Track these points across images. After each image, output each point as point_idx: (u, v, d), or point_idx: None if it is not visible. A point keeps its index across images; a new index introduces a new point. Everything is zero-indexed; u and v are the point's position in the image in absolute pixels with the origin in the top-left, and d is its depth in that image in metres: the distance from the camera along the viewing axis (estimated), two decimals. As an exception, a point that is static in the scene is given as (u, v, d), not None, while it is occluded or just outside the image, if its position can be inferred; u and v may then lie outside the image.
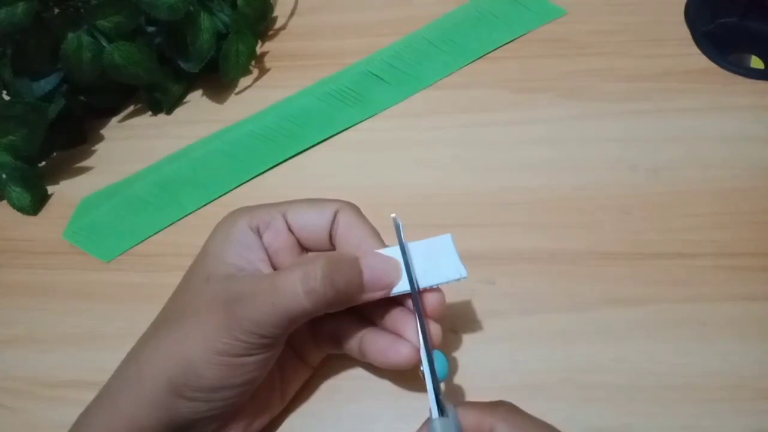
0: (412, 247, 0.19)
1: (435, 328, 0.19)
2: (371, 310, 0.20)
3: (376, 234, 0.20)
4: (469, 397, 0.22)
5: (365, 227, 0.20)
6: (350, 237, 0.19)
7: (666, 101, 0.29)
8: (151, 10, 0.29)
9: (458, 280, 0.19)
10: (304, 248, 0.21)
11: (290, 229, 0.20)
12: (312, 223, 0.20)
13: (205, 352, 0.17)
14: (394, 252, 0.19)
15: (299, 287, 0.17)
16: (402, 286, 0.19)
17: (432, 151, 0.29)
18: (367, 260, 0.18)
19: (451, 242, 0.19)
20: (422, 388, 0.22)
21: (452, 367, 0.22)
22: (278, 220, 0.20)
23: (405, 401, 0.22)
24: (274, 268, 0.20)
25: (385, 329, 0.20)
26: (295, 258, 0.20)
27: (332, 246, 0.20)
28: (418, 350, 0.18)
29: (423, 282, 0.19)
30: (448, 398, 0.19)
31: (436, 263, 0.19)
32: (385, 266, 0.18)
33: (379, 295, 0.18)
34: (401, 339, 0.19)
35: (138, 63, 0.30)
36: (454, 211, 0.26)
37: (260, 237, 0.19)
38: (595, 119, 0.29)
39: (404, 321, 0.19)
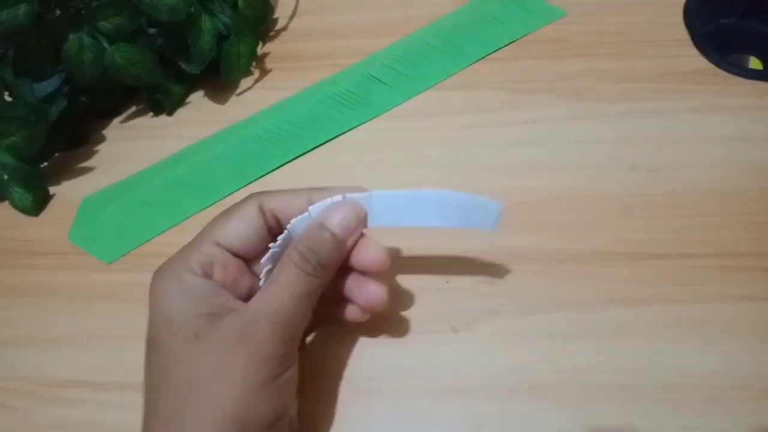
0: (449, 195, 0.20)
1: (377, 289, 0.20)
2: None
3: (296, 191, 0.20)
4: (470, 396, 0.22)
5: (285, 196, 0.20)
6: (289, 211, 0.20)
7: (665, 102, 0.29)
8: (152, 11, 0.29)
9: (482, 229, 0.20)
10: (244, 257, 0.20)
11: (231, 251, 0.19)
12: (243, 233, 0.19)
13: (246, 393, 0.17)
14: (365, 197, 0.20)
15: (291, 291, 0.18)
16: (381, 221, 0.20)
17: (432, 152, 0.29)
18: (329, 220, 0.19)
19: (497, 209, 0.20)
20: (422, 388, 0.22)
21: (453, 359, 0.22)
22: (216, 252, 0.19)
23: (405, 402, 0.22)
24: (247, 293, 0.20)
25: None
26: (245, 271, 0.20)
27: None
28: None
29: (447, 222, 0.20)
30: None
31: (470, 212, 0.20)
32: (346, 212, 0.19)
33: (357, 234, 0.19)
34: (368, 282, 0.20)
35: (139, 64, 0.30)
36: (454, 212, 0.26)
37: (211, 278, 0.19)
38: (594, 120, 0.29)
39: (360, 287, 0.20)
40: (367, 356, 0.23)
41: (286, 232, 0.20)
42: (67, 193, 0.31)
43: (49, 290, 0.27)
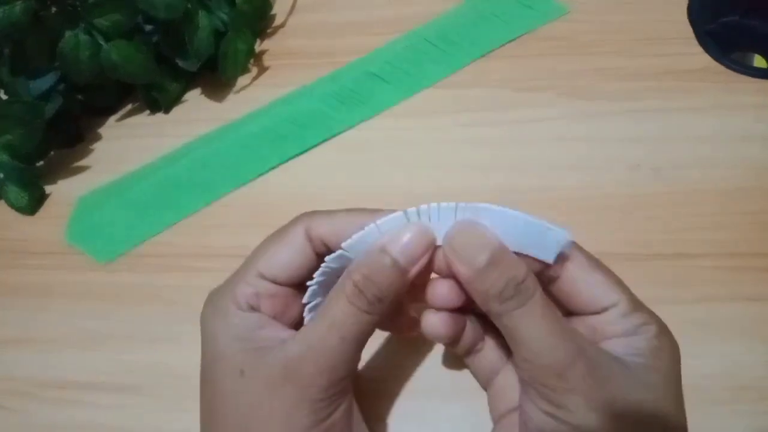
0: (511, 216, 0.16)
1: (413, 325, 0.18)
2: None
3: (348, 214, 0.18)
4: (470, 396, 0.22)
5: (336, 221, 0.17)
6: (348, 226, 0.17)
7: (668, 100, 0.29)
8: (149, 8, 0.29)
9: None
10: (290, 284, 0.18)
11: (276, 282, 0.18)
12: (288, 263, 0.18)
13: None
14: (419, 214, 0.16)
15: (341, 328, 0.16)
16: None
17: (432, 150, 0.29)
18: (393, 244, 0.16)
19: (562, 240, 0.16)
20: (422, 388, 0.22)
21: (453, 359, 0.22)
22: (261, 284, 0.18)
23: (405, 402, 0.22)
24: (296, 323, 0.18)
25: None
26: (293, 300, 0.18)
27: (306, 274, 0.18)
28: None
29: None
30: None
31: (530, 237, 0.16)
32: (412, 236, 0.16)
33: (422, 262, 0.16)
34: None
35: (136, 61, 0.30)
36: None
37: (258, 311, 0.17)
38: (596, 118, 0.29)
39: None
40: (367, 356, 0.23)
41: (323, 266, 0.17)
42: (63, 191, 0.31)
43: (45, 290, 0.27)
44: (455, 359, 0.23)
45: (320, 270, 0.17)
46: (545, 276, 0.17)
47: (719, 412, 0.20)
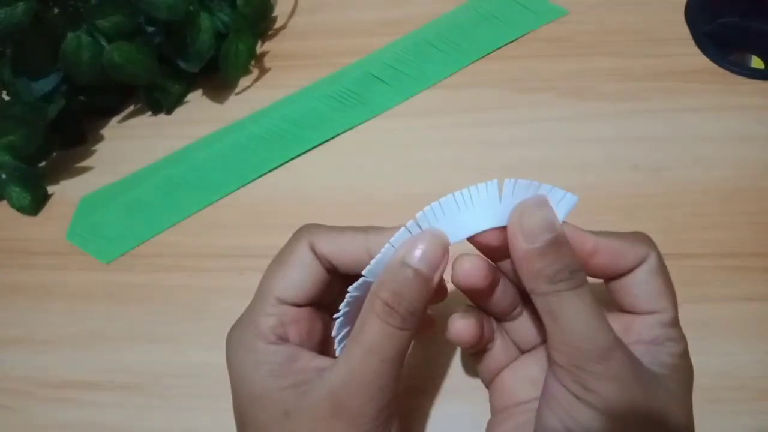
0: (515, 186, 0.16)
1: (429, 322, 0.19)
2: None
3: (349, 231, 0.18)
4: (470, 396, 0.21)
5: (339, 239, 0.17)
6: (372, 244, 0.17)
7: (667, 101, 0.29)
8: (151, 9, 0.29)
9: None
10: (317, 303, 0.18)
11: (295, 304, 0.17)
12: (301, 283, 0.17)
13: None
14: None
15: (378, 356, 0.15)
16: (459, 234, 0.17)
17: (432, 151, 0.29)
18: (410, 255, 0.16)
19: (569, 203, 0.16)
20: (422, 389, 0.22)
21: (453, 359, 0.22)
22: (282, 311, 0.17)
23: (405, 402, 0.22)
24: (322, 346, 0.18)
25: None
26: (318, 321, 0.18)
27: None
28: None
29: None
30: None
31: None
32: (427, 242, 0.16)
33: (443, 266, 0.16)
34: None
35: (137, 63, 0.30)
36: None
37: (287, 342, 0.17)
38: (595, 119, 0.29)
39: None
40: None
41: (348, 296, 0.17)
42: (66, 192, 0.31)
43: (47, 290, 0.27)
44: (455, 358, 0.23)
45: (345, 301, 0.17)
46: (614, 275, 0.17)
47: (719, 412, 0.20)
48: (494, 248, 0.17)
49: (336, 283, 0.18)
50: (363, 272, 0.16)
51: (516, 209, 0.16)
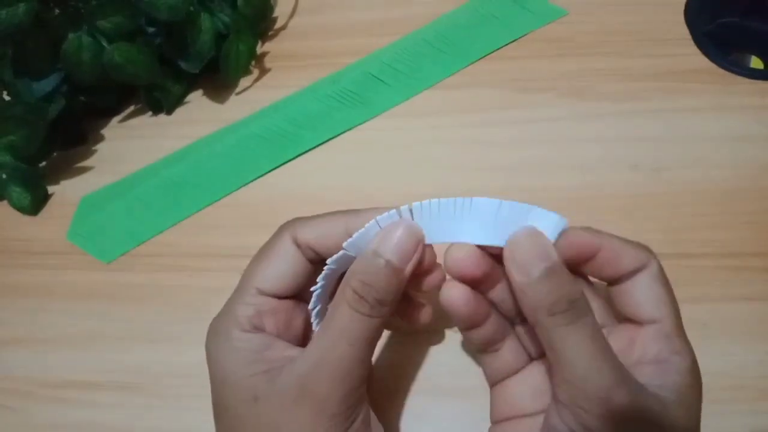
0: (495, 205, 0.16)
1: (425, 312, 0.19)
2: None
3: (329, 217, 0.18)
4: (470, 396, 0.21)
5: (319, 225, 0.18)
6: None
7: (666, 101, 0.29)
8: (152, 10, 0.29)
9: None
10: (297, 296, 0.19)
11: (275, 296, 0.18)
12: (282, 275, 0.18)
13: None
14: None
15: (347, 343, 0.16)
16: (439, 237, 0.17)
17: (432, 151, 0.29)
18: (383, 246, 0.16)
19: (559, 226, 0.16)
20: (422, 388, 0.22)
21: (453, 359, 0.22)
22: (260, 301, 0.18)
23: (405, 402, 0.22)
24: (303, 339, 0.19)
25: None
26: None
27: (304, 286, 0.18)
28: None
29: (494, 239, 0.16)
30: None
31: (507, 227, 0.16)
32: (401, 233, 0.16)
33: (416, 259, 0.16)
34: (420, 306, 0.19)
35: (138, 63, 0.30)
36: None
37: (263, 331, 0.17)
38: (595, 119, 0.29)
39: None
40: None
41: (326, 269, 0.17)
42: (66, 192, 0.31)
43: (47, 290, 0.27)
44: (456, 357, 0.23)
45: (323, 273, 0.17)
46: (615, 276, 0.17)
47: (719, 412, 0.20)
48: (478, 279, 0.17)
49: (319, 274, 0.18)
50: (343, 245, 0.17)
51: (507, 243, 0.16)
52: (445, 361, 0.23)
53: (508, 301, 0.18)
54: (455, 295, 0.17)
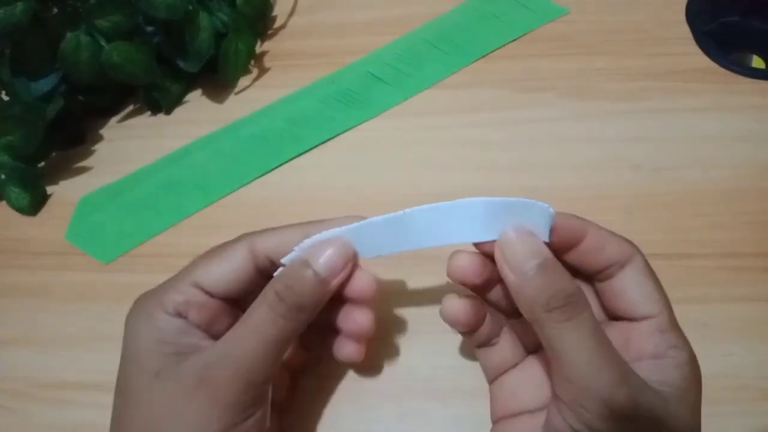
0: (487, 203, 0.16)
1: (363, 317, 0.19)
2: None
3: (290, 228, 0.18)
4: (470, 396, 0.21)
5: (278, 235, 0.18)
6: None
7: (667, 101, 0.29)
8: (150, 9, 0.29)
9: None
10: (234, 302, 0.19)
11: (210, 294, 0.18)
12: (225, 277, 0.18)
13: None
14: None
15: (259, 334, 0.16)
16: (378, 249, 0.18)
17: (432, 151, 0.29)
18: (314, 258, 0.17)
19: (547, 215, 0.16)
20: (422, 388, 0.22)
21: (453, 359, 0.22)
22: (193, 293, 0.18)
23: (405, 402, 0.22)
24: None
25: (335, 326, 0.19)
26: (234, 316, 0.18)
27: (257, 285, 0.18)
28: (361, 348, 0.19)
29: (481, 236, 0.16)
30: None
31: (513, 220, 0.16)
32: (334, 250, 0.17)
33: (343, 275, 0.17)
34: (347, 339, 0.19)
35: (136, 62, 0.30)
36: (454, 212, 0.26)
37: (186, 318, 0.17)
38: (596, 119, 0.29)
39: (346, 316, 0.19)
40: (367, 356, 0.23)
41: (279, 270, 0.18)
42: (65, 192, 0.31)
43: (46, 290, 0.27)
44: (455, 359, 0.23)
45: (278, 271, 0.18)
46: (600, 274, 0.17)
47: (719, 413, 0.20)
48: (479, 285, 0.17)
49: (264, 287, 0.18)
50: (282, 260, 0.17)
51: (497, 244, 0.16)
52: (447, 362, 0.23)
53: (505, 300, 0.18)
54: (455, 311, 0.18)
